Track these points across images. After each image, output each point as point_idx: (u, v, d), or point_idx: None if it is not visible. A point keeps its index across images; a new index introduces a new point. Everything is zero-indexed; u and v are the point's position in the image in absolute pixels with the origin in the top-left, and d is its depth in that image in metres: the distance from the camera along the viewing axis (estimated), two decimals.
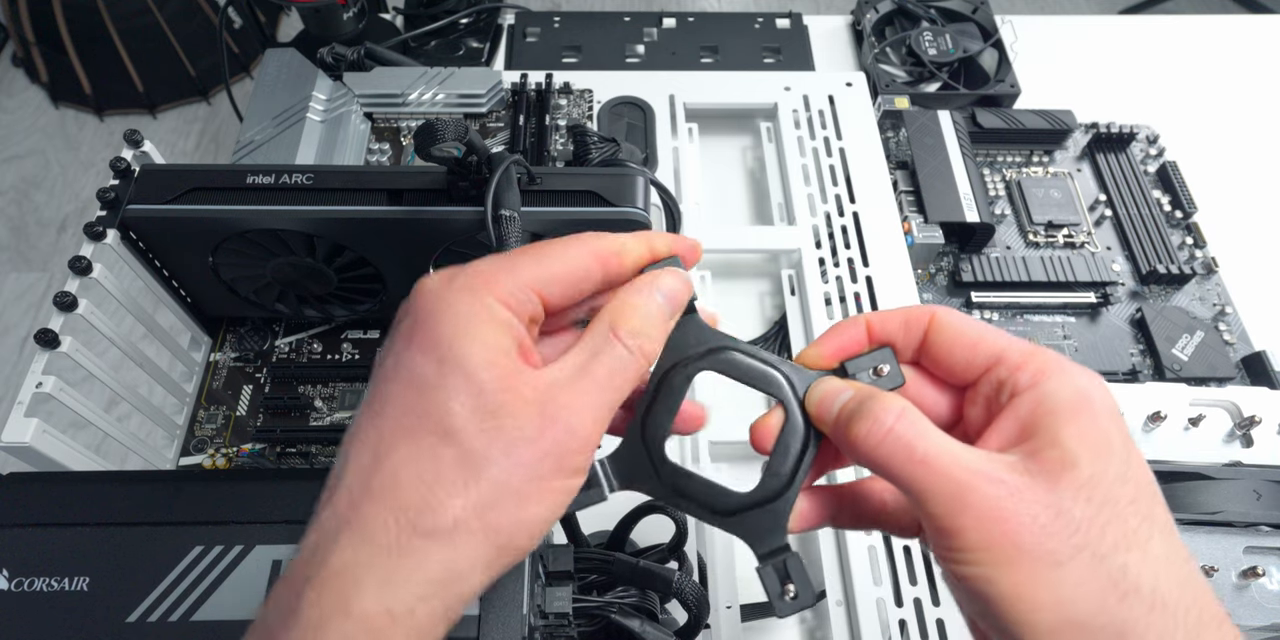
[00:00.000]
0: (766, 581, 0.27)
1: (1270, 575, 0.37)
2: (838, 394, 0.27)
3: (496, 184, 0.38)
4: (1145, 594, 0.22)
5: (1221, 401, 0.41)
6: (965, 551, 0.23)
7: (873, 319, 0.28)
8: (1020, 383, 0.25)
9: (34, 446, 0.39)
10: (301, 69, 0.64)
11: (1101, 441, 0.23)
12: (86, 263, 0.43)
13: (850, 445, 0.25)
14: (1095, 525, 0.22)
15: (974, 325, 0.27)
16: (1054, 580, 0.22)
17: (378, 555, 0.22)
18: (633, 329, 0.26)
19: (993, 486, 0.23)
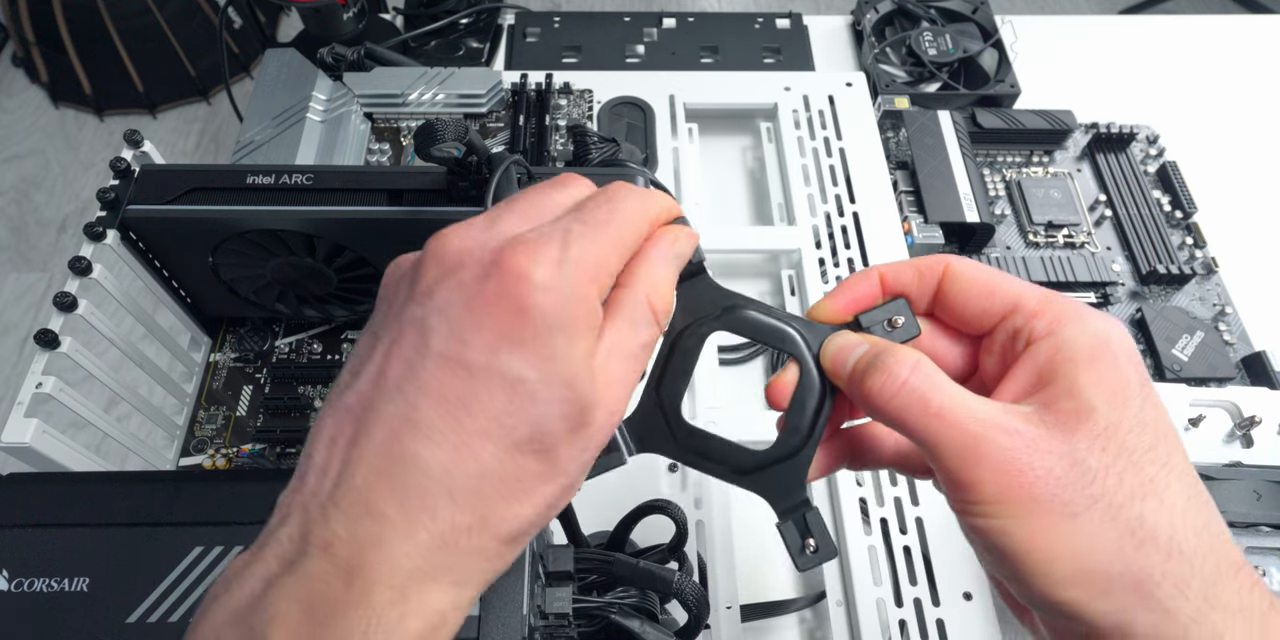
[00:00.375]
0: (787, 536, 0.27)
1: (1270, 575, 0.37)
2: (852, 348, 0.26)
3: (496, 184, 0.38)
4: (1162, 542, 0.22)
5: (1221, 402, 0.41)
6: (981, 504, 0.23)
7: (885, 270, 0.28)
8: (1037, 330, 0.25)
9: (34, 447, 0.39)
10: (301, 69, 0.64)
11: (1119, 387, 0.23)
12: (86, 263, 0.43)
13: (865, 399, 0.25)
14: (1111, 475, 0.22)
15: (989, 273, 0.26)
16: (1070, 530, 0.22)
17: (450, 556, 0.21)
18: (661, 298, 0.25)
19: (1008, 438, 0.23)
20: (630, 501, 0.38)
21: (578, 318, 0.22)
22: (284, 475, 0.37)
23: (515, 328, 0.22)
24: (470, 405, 0.21)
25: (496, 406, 0.21)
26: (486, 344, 0.21)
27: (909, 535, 0.48)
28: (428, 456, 0.21)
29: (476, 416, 0.21)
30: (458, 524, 0.21)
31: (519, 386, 0.22)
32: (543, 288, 0.22)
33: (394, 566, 0.20)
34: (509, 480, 0.22)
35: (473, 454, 0.21)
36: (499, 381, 0.21)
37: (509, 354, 0.21)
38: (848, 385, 0.26)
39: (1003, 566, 0.23)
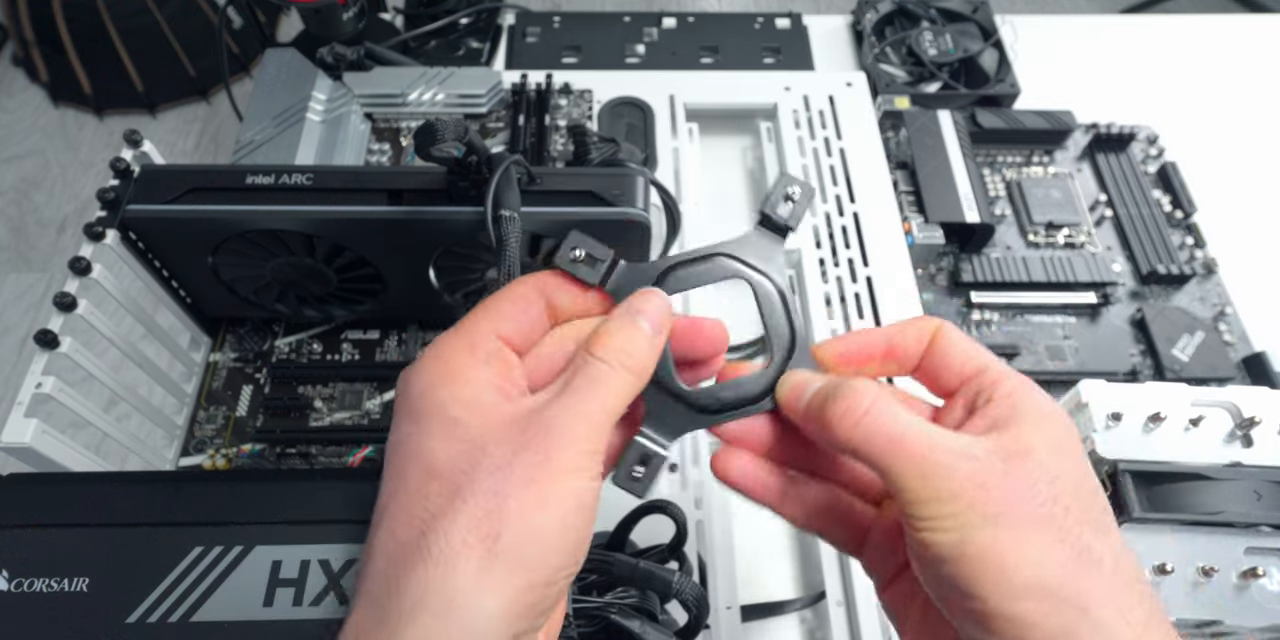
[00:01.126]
0: (629, 452, 0.28)
1: (1270, 575, 0.37)
2: (809, 383, 0.28)
3: (496, 184, 0.38)
4: (1107, 571, 0.23)
5: (1221, 402, 0.41)
6: (939, 518, 0.24)
7: (893, 334, 0.29)
8: (998, 392, 0.26)
9: (34, 447, 0.39)
10: (301, 69, 0.64)
11: (1063, 446, 0.25)
12: (86, 263, 0.43)
13: (825, 426, 0.26)
14: (1060, 503, 0.24)
15: (969, 341, 0.28)
16: (1025, 543, 0.23)
17: (375, 607, 0.22)
18: (609, 347, 0.26)
19: (965, 461, 0.24)
20: (630, 501, 0.38)
21: (443, 371, 0.26)
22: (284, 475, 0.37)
23: (399, 408, 0.26)
24: (385, 480, 0.25)
25: (397, 464, 0.25)
26: (391, 433, 0.26)
27: None
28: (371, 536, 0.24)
29: (387, 487, 0.25)
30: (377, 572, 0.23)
31: (406, 440, 0.25)
32: (405, 372, 0.26)
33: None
34: (417, 510, 0.23)
35: (384, 508, 0.24)
36: (394, 447, 0.25)
37: (397, 425, 0.26)
38: (804, 414, 0.27)
39: (957, 582, 0.23)
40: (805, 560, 0.52)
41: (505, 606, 0.22)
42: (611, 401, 0.26)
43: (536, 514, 0.23)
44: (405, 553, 0.22)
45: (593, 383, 0.25)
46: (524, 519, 0.22)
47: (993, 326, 0.61)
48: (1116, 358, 0.59)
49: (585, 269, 0.28)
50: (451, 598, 0.21)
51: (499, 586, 0.22)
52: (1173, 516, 0.39)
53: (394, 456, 0.25)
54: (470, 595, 0.21)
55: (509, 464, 0.23)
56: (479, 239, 0.45)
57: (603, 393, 0.25)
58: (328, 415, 0.52)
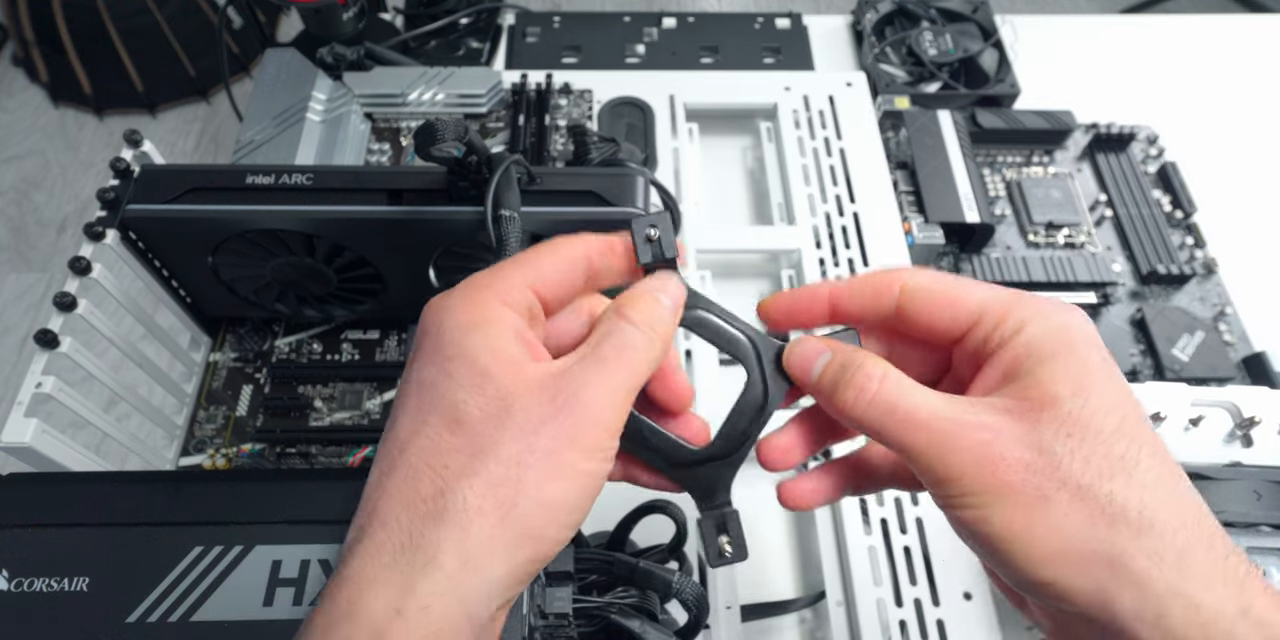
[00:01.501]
0: (705, 533, 0.28)
1: (1270, 575, 0.37)
2: (816, 355, 0.28)
3: (496, 184, 0.38)
4: (1132, 518, 0.23)
5: (1221, 402, 0.41)
6: (960, 497, 0.24)
7: (840, 294, 0.28)
8: (1005, 333, 0.26)
9: (34, 447, 0.39)
10: (301, 69, 0.64)
11: (1081, 374, 0.24)
12: (86, 263, 0.43)
13: (837, 410, 0.26)
14: (1077, 458, 0.23)
15: (949, 283, 0.27)
16: (1043, 513, 0.23)
17: (391, 554, 0.22)
18: (642, 314, 0.26)
19: (976, 432, 0.24)
20: (630, 501, 0.38)
21: (474, 316, 0.25)
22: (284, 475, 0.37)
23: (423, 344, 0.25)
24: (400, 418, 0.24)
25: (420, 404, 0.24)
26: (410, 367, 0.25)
27: (909, 535, 0.48)
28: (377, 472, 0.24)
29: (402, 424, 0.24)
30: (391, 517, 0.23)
31: (432, 384, 0.24)
32: (432, 306, 0.25)
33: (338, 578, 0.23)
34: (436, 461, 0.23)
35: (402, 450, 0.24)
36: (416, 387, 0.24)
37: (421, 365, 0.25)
38: (814, 393, 0.28)
39: (988, 553, 0.24)
40: (805, 560, 0.52)
41: (509, 573, 0.22)
42: (641, 372, 0.25)
43: (553, 488, 0.23)
44: (425, 507, 0.22)
45: (624, 350, 0.25)
46: (540, 492, 0.23)
47: None
48: (1117, 358, 0.59)
49: (648, 249, 0.27)
50: (467, 559, 0.22)
51: (507, 554, 0.22)
52: None
53: (415, 397, 0.24)
54: (483, 558, 0.22)
55: (535, 432, 0.23)
56: (479, 239, 0.45)
57: (633, 361, 0.25)
58: (328, 415, 0.52)
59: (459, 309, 0.25)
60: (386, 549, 0.22)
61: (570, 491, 0.23)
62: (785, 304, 0.29)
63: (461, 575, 0.22)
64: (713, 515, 0.28)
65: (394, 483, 0.23)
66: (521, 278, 0.26)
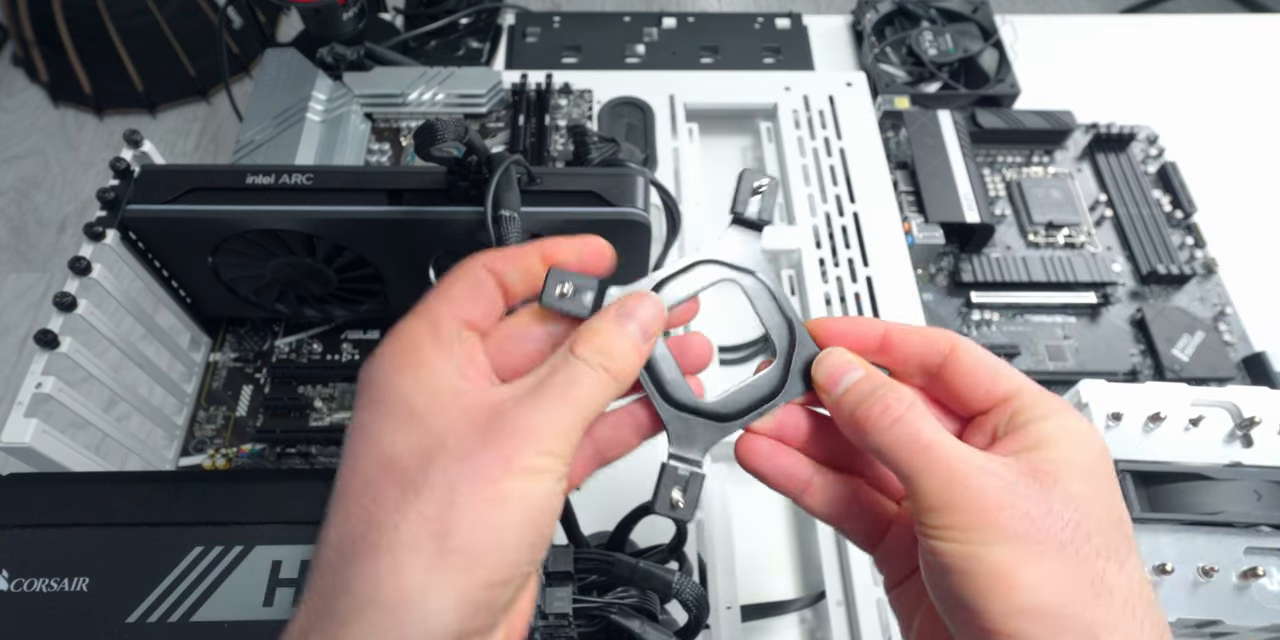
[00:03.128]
0: (664, 478, 0.28)
1: (1270, 575, 0.37)
2: (848, 369, 0.28)
3: (496, 184, 0.38)
4: (1118, 600, 0.23)
5: (1221, 402, 0.41)
6: (954, 529, 0.23)
7: (894, 332, 0.29)
8: (1033, 416, 0.26)
9: (34, 447, 0.39)
10: (301, 69, 0.64)
11: (1094, 472, 0.25)
12: (86, 263, 0.43)
13: (857, 425, 0.26)
14: (1081, 530, 0.23)
15: (995, 359, 0.28)
16: (1037, 566, 0.23)
17: (322, 601, 0.22)
18: (594, 348, 0.26)
19: (988, 477, 0.24)
20: (630, 501, 0.38)
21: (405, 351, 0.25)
22: (284, 475, 0.37)
23: (360, 394, 0.25)
24: (341, 468, 0.24)
25: (354, 450, 0.24)
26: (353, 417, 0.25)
27: None
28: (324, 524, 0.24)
29: (342, 473, 0.24)
30: (325, 566, 0.23)
31: (364, 428, 0.24)
32: (372, 355, 0.25)
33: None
34: (368, 502, 0.23)
35: (339, 498, 0.23)
36: (354, 434, 0.24)
37: (358, 412, 0.25)
38: (834, 406, 0.27)
39: (959, 592, 0.23)
40: (805, 560, 0.52)
41: (456, 603, 0.21)
42: (586, 405, 0.25)
43: (491, 513, 0.22)
44: (355, 547, 0.22)
45: (569, 384, 0.25)
46: (478, 518, 0.22)
47: (993, 326, 0.61)
48: (1116, 358, 0.59)
49: (573, 304, 0.27)
50: (400, 594, 0.21)
51: (449, 584, 0.21)
52: (1173, 516, 0.39)
53: (350, 445, 0.24)
54: (419, 592, 0.21)
55: (467, 458, 0.23)
56: (479, 239, 0.45)
57: (578, 395, 0.25)
58: (328, 415, 0.52)
59: (388, 355, 0.25)
60: (319, 596, 0.22)
61: (511, 515, 0.22)
62: (840, 327, 0.29)
63: (398, 611, 0.21)
64: (679, 467, 0.28)
65: (329, 531, 0.23)
66: (447, 311, 0.26)
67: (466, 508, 0.22)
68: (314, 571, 0.23)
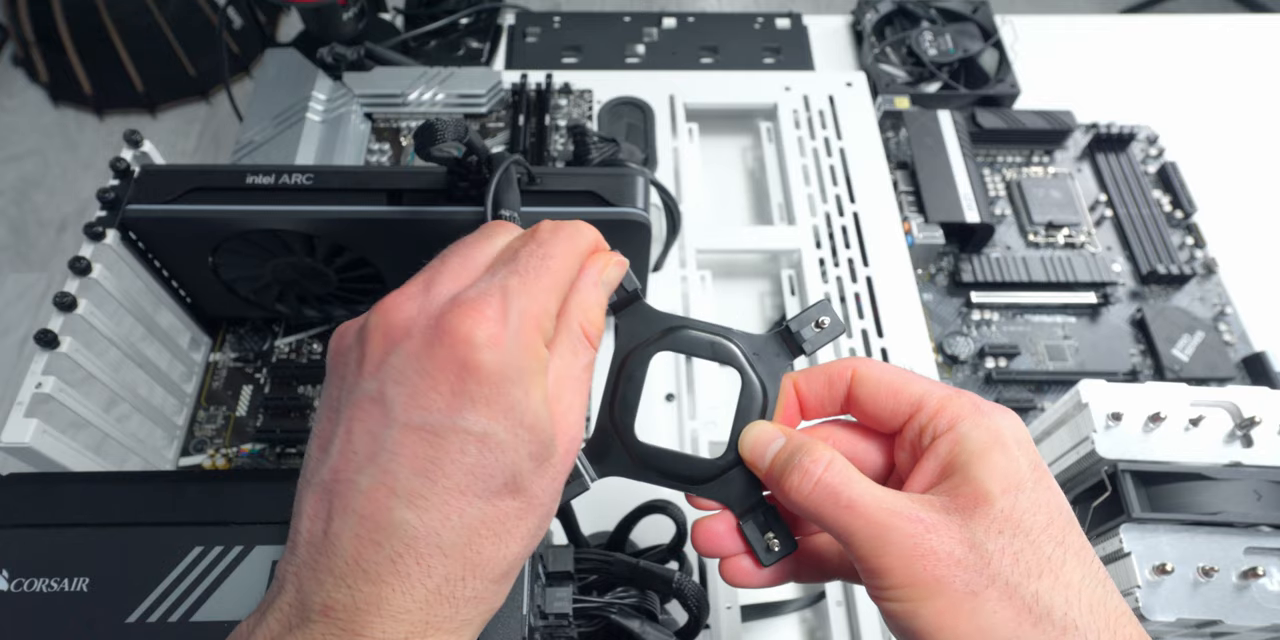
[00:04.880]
0: (750, 537, 0.29)
1: (1270, 575, 0.37)
2: (769, 442, 0.28)
3: (496, 184, 0.38)
4: (1057, 619, 0.23)
5: (1221, 402, 0.41)
6: (892, 589, 0.24)
7: (799, 378, 0.30)
8: (939, 427, 0.26)
9: (34, 447, 0.39)
10: (301, 69, 0.64)
11: (1011, 474, 0.25)
12: (86, 263, 0.43)
13: (783, 494, 0.27)
14: (1008, 555, 0.24)
15: (895, 374, 0.28)
16: (971, 610, 0.23)
17: (447, 606, 0.23)
18: (593, 323, 0.27)
19: (911, 525, 0.24)
20: (630, 501, 0.38)
21: (529, 368, 0.24)
22: (283, 475, 0.37)
23: (471, 388, 0.23)
24: (443, 465, 0.23)
25: (468, 462, 0.23)
26: (447, 407, 0.23)
27: None
28: (412, 520, 0.22)
29: (451, 475, 0.23)
30: (451, 575, 0.23)
31: (486, 440, 0.23)
32: (489, 346, 0.23)
33: (395, 624, 0.22)
34: (492, 525, 0.23)
35: (454, 510, 0.23)
36: (466, 439, 0.23)
37: (470, 413, 0.23)
38: (766, 478, 0.28)
39: None
40: None
41: None
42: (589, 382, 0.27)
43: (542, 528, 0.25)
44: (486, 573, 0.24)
45: (587, 369, 0.27)
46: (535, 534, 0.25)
47: (993, 326, 0.61)
48: (1116, 358, 0.59)
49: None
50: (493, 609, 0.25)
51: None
52: (1172, 516, 0.39)
53: (467, 449, 0.23)
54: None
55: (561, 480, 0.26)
56: None
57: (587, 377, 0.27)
58: None
59: (505, 348, 0.23)
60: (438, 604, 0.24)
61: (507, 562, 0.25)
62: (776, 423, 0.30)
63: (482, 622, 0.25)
64: (752, 517, 0.29)
65: (450, 541, 0.23)
66: (557, 304, 0.26)
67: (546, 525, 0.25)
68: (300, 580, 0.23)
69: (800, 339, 0.30)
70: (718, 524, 0.29)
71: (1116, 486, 0.39)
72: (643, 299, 0.30)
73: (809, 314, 0.30)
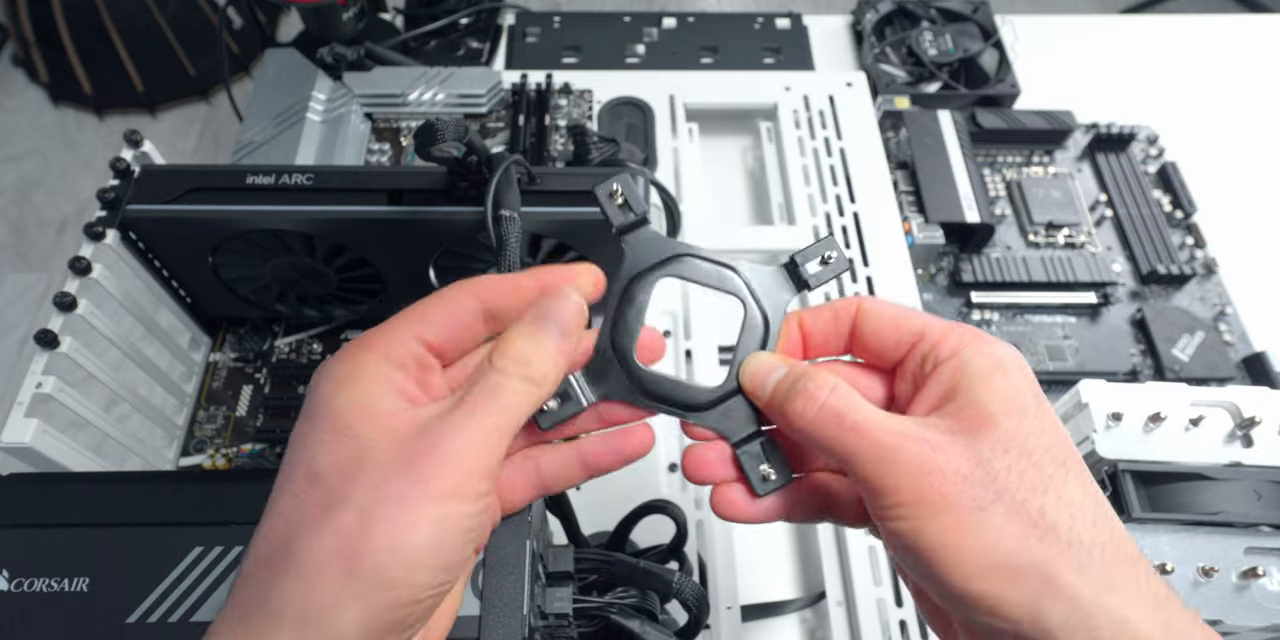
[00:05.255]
0: (746, 465, 0.28)
1: (1270, 575, 0.37)
2: (770, 370, 0.28)
3: (496, 184, 0.38)
4: (1061, 533, 0.23)
5: (1221, 402, 0.41)
6: (897, 507, 0.24)
7: (805, 315, 0.30)
8: (941, 354, 0.27)
9: (34, 447, 0.39)
10: (301, 69, 0.64)
11: (1015, 399, 0.25)
12: (86, 263, 0.43)
13: (786, 420, 0.27)
14: (1013, 472, 0.24)
15: (896, 308, 0.29)
16: (977, 525, 0.23)
17: (240, 614, 0.22)
18: (513, 356, 0.26)
19: (917, 445, 0.24)
20: (630, 501, 0.38)
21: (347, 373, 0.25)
22: None
23: (305, 405, 0.25)
24: (277, 478, 0.25)
25: (288, 461, 0.25)
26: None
27: None
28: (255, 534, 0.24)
29: (277, 483, 0.24)
30: (247, 577, 0.23)
31: (300, 440, 0.25)
32: (318, 369, 0.26)
33: None
34: (292, 516, 0.23)
35: (268, 510, 0.24)
36: (290, 444, 0.25)
37: (298, 424, 0.25)
38: (767, 407, 0.28)
39: (921, 567, 0.24)
40: (805, 560, 0.52)
41: (364, 622, 0.22)
42: (507, 416, 0.25)
43: (404, 535, 0.22)
44: (273, 559, 0.23)
45: (489, 396, 0.25)
46: (390, 540, 0.22)
47: (993, 326, 0.61)
48: (1116, 358, 0.59)
49: (616, 209, 0.28)
50: (310, 611, 0.22)
51: (358, 603, 0.22)
52: (1173, 516, 0.39)
53: (288, 453, 0.25)
54: (329, 610, 0.22)
55: (386, 480, 0.23)
56: (479, 239, 0.45)
57: (498, 407, 0.25)
58: None
59: (335, 369, 0.25)
60: (237, 605, 0.23)
61: (424, 538, 0.23)
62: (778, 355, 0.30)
63: (306, 627, 0.22)
64: (748, 448, 0.29)
65: (255, 538, 0.23)
66: (407, 330, 0.26)
67: (380, 531, 0.22)
68: (237, 580, 0.23)
69: (805, 273, 0.30)
70: (708, 451, 0.29)
71: (1117, 486, 0.39)
72: (649, 225, 0.30)
73: (814, 248, 0.29)
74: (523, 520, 0.30)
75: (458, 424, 0.24)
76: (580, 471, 0.29)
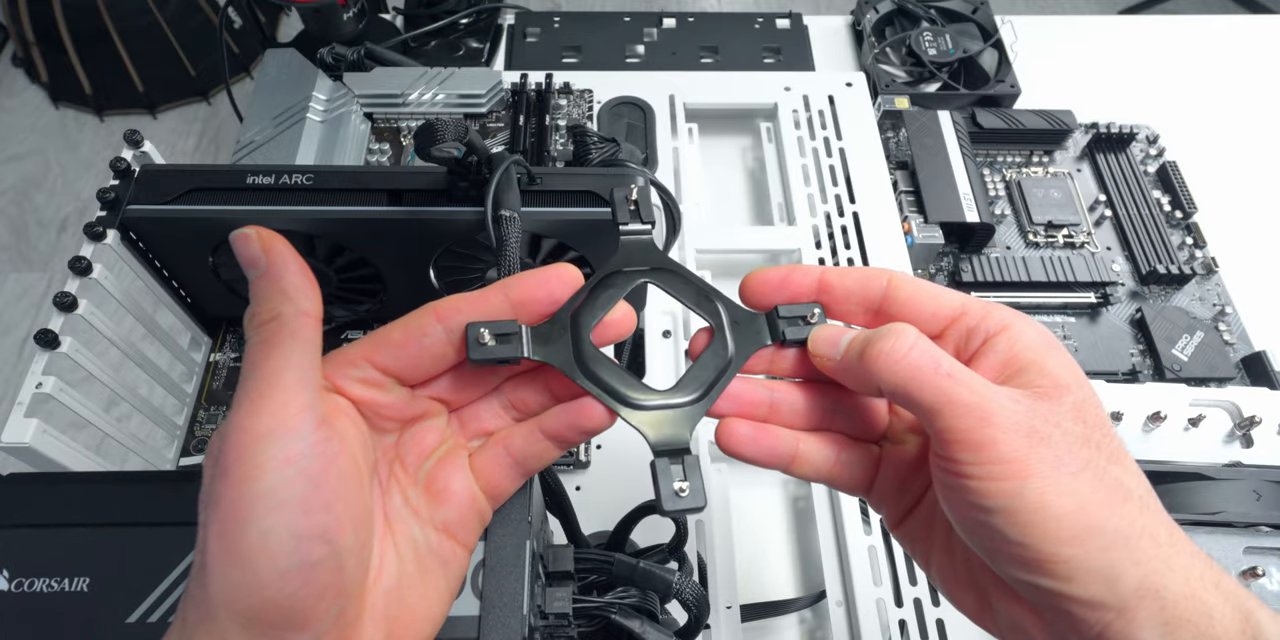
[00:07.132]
0: (660, 475, 0.27)
1: (1270, 575, 0.37)
2: (841, 334, 0.28)
3: (496, 184, 0.38)
4: (1136, 499, 0.24)
5: (1221, 402, 0.41)
6: (994, 464, 0.23)
7: (830, 275, 0.29)
8: (991, 327, 0.27)
9: (34, 447, 0.39)
10: (301, 69, 0.64)
11: (1075, 371, 0.26)
12: (86, 263, 0.43)
13: (872, 362, 0.26)
14: (1091, 441, 0.24)
15: (932, 284, 0.28)
16: (1073, 488, 0.23)
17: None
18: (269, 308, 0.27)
19: (1014, 404, 0.24)
20: (630, 501, 0.38)
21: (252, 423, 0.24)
22: None
23: None
24: None
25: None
26: None
27: None
28: None
29: None
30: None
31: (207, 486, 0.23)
32: None
33: None
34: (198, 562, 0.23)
35: None
36: None
37: None
38: (844, 359, 0.27)
39: (1005, 530, 0.23)
40: (805, 560, 0.52)
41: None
42: (286, 344, 0.26)
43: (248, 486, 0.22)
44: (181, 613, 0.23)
45: (265, 344, 0.26)
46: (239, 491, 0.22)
47: None
48: (1116, 358, 0.59)
49: (627, 212, 0.29)
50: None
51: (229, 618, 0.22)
52: (1172, 516, 0.39)
53: None
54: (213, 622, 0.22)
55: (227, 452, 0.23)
56: (479, 239, 0.45)
57: (269, 346, 0.26)
58: None
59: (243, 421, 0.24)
60: None
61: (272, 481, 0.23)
62: (779, 276, 0.29)
63: None
64: (669, 459, 0.27)
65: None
66: (357, 351, 0.27)
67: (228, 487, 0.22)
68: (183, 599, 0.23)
69: (782, 326, 0.29)
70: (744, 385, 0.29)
71: None
72: (650, 235, 0.30)
73: (802, 307, 0.29)
74: (523, 520, 0.30)
75: (248, 374, 0.24)
76: (550, 446, 0.28)
